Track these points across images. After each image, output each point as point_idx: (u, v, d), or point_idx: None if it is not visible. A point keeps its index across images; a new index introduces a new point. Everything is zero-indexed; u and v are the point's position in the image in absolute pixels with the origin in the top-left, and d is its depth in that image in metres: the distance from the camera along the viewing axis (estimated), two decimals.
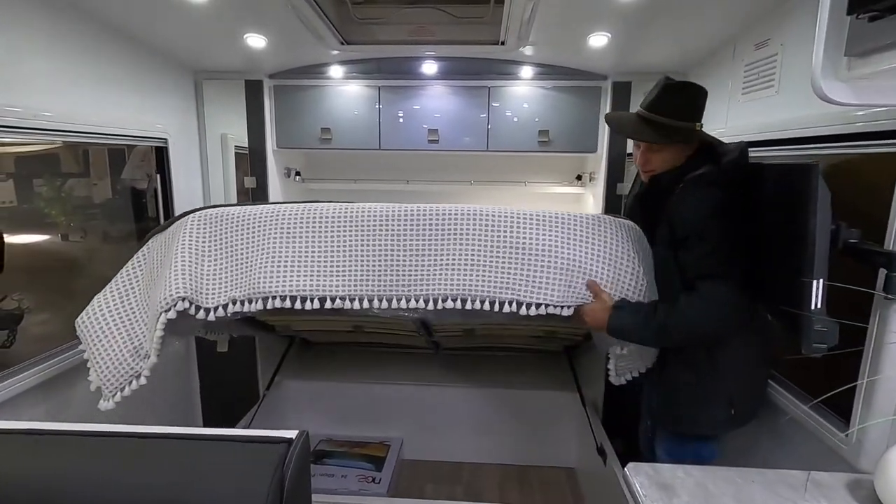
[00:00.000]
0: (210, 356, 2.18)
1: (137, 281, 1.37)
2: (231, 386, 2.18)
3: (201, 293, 1.24)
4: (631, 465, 0.84)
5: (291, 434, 0.88)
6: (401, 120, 2.35)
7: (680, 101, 1.26)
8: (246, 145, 2.35)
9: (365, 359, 2.48)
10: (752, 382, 1.33)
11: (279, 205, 1.32)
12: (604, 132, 2.24)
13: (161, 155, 2.01)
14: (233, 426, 1.90)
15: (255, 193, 2.38)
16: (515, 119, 2.33)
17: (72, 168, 2.44)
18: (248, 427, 1.89)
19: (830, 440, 1.12)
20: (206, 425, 2.24)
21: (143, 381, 1.28)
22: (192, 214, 1.32)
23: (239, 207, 1.33)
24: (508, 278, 1.21)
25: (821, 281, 1.04)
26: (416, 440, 2.31)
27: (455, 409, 2.26)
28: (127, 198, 2.24)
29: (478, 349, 2.50)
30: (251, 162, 2.35)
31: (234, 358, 2.16)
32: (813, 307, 1.03)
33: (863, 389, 1.04)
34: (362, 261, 1.23)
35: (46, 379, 1.52)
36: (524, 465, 2.29)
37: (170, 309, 1.21)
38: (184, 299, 1.21)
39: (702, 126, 1.29)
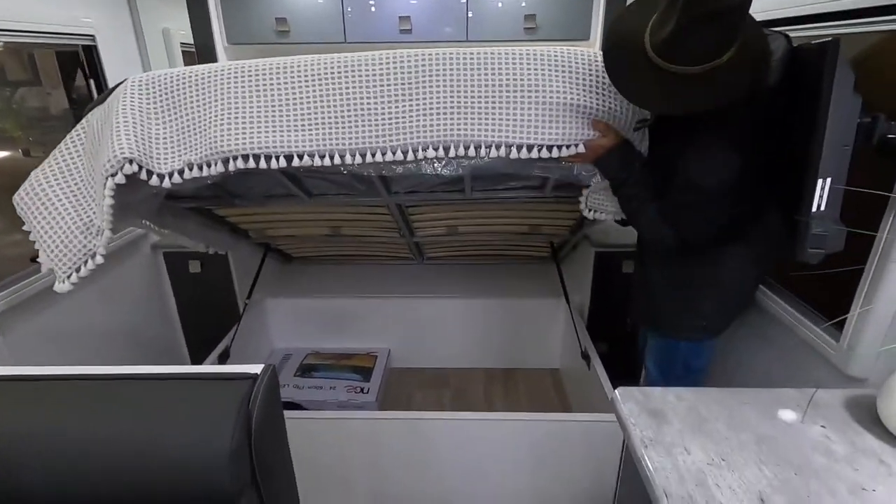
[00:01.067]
0: (184, 282, 2.09)
1: (79, 154, 1.22)
2: (211, 310, 2.13)
3: (152, 157, 1.10)
4: (620, 389, 0.80)
5: (256, 369, 0.82)
6: (372, 9, 2.06)
7: (716, 33, 0.84)
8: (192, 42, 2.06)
9: (347, 273, 2.43)
10: (732, 294, 1.27)
11: (234, 62, 1.15)
12: (598, 16, 1.99)
13: (91, 56, 1.75)
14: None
15: None
16: (499, 3, 2.05)
17: (18, 76, 2.16)
18: (228, 347, 1.86)
19: (818, 343, 1.11)
20: (190, 354, 2.22)
21: (99, 260, 1.18)
22: (129, 78, 1.14)
23: (186, 67, 1.16)
24: (495, 120, 1.08)
25: (827, 180, 0.94)
26: (402, 350, 2.33)
27: (441, 319, 2.25)
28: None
29: (463, 257, 2.45)
30: (199, 62, 2.08)
31: (209, 280, 2.08)
32: (815, 209, 0.95)
33: (861, 296, 0.99)
34: (332, 112, 1.09)
35: (23, 300, 1.46)
36: (509, 368, 2.35)
37: (116, 172, 1.07)
38: (131, 161, 1.07)
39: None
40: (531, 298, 2.22)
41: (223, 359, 1.84)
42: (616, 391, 0.79)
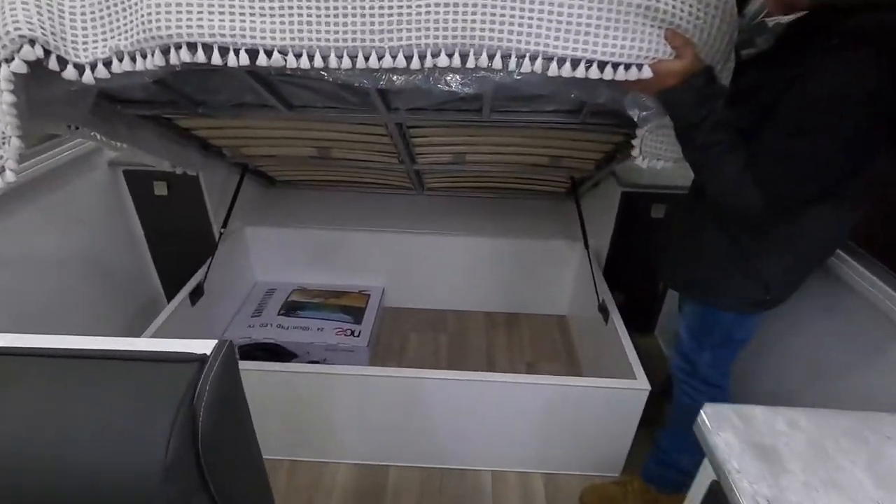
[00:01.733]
0: (150, 205, 1.82)
1: None
2: (182, 238, 1.88)
3: (65, 38, 0.80)
4: (709, 410, 0.57)
5: (207, 346, 0.60)
6: None
7: None
8: None
9: (337, 200, 2.17)
10: (801, 269, 1.04)
11: None
12: None
13: None
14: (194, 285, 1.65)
15: None
16: None
17: None
18: (201, 283, 1.65)
19: None
20: (163, 285, 2.00)
21: (9, 176, 0.91)
22: None
23: None
24: (534, 20, 0.79)
25: None
26: (397, 288, 2.14)
27: (441, 256, 2.03)
28: None
29: (468, 189, 2.19)
30: None
31: (178, 205, 1.82)
32: None
33: None
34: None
35: None
36: (513, 313, 2.17)
37: (12, 57, 0.79)
38: (33, 43, 0.79)
39: None
40: (542, 239, 1.99)
41: (196, 296, 1.62)
42: (704, 412, 0.56)
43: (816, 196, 0.89)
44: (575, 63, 0.81)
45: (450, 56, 0.83)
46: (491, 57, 0.83)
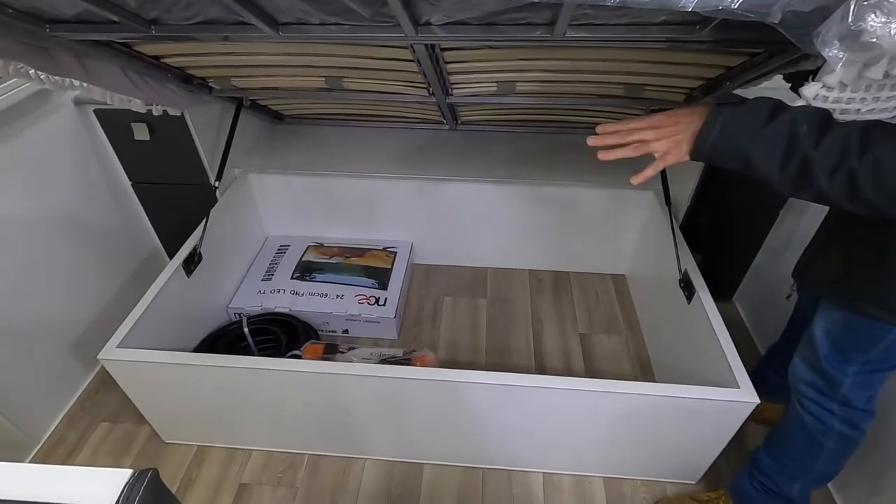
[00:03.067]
0: (132, 153, 1.53)
1: None
2: (177, 195, 1.60)
3: None
4: None
5: (116, 482, 0.31)
6: None
7: None
8: None
9: (356, 140, 1.82)
10: None
11: None
12: None
13: None
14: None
15: None
16: None
17: None
18: (197, 249, 1.38)
19: None
20: (163, 243, 1.76)
21: None
22: None
23: None
24: None
25: None
26: (429, 243, 1.84)
27: (479, 206, 1.70)
28: None
29: (511, 122, 1.81)
30: None
31: (165, 151, 1.52)
32: None
33: None
34: None
35: None
36: (562, 271, 1.87)
37: None
38: None
39: None
40: (602, 187, 1.63)
41: (191, 264, 1.37)
42: None
43: None
44: None
45: None
46: None
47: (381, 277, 1.65)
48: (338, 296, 1.58)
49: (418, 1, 0.75)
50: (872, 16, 0.51)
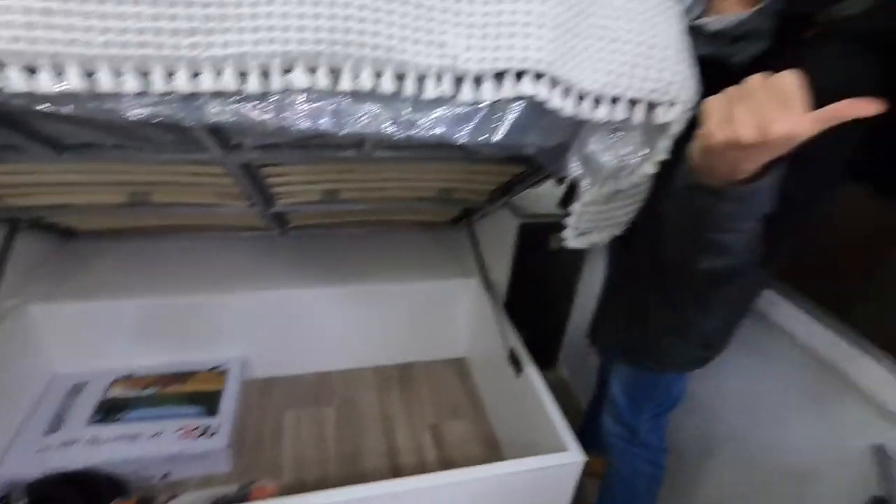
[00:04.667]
0: None
1: None
2: None
3: None
4: None
5: None
6: None
7: None
8: None
9: (170, 253, 1.67)
10: (741, 309, 0.93)
11: None
12: None
13: None
14: None
15: None
16: None
17: None
18: None
19: (869, 382, 0.83)
20: None
21: None
22: None
23: None
24: (455, 19, 0.54)
25: None
26: (265, 355, 1.71)
27: (315, 312, 1.67)
28: None
29: (340, 225, 1.86)
30: None
31: None
32: None
33: None
34: None
35: None
36: (405, 364, 1.89)
37: None
38: None
39: None
40: (432, 279, 1.75)
41: None
42: None
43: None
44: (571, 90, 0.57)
45: (311, 71, 0.53)
46: (379, 75, 0.55)
47: (209, 402, 1.47)
48: (154, 434, 1.35)
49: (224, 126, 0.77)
50: (595, 147, 0.69)
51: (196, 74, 0.51)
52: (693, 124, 0.56)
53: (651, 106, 0.60)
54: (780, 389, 1.03)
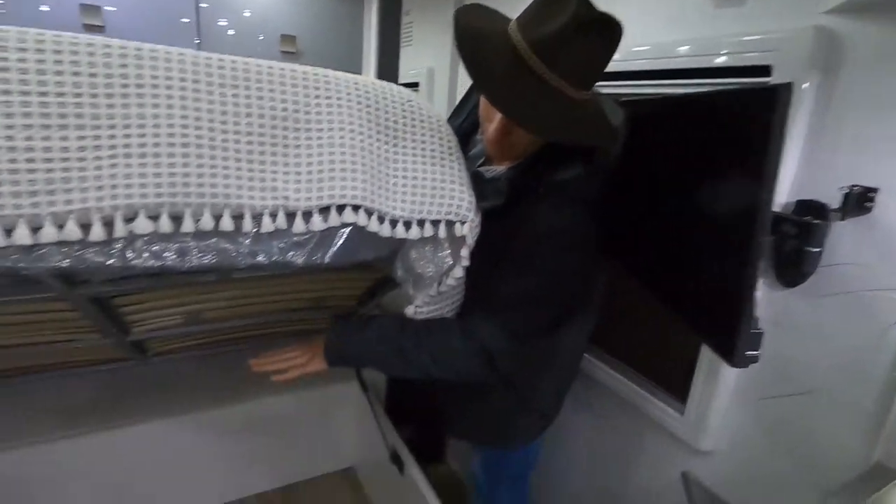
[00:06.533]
0: None
1: None
2: None
3: None
4: None
5: None
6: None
7: (597, 52, 0.68)
8: None
9: (14, 396, 1.48)
10: (566, 381, 1.13)
11: None
12: (369, 45, 1.73)
13: None
14: None
15: None
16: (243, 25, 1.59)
17: None
18: None
19: (665, 419, 1.02)
20: None
21: None
22: None
23: None
24: (271, 167, 0.67)
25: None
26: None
27: (185, 445, 1.55)
28: None
29: (208, 345, 1.80)
30: None
31: None
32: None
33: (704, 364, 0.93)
34: None
35: None
36: (292, 485, 1.79)
37: None
38: None
39: None
40: (309, 389, 1.74)
41: None
42: None
43: (557, 322, 0.95)
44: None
45: (153, 219, 0.62)
46: (217, 216, 0.65)
47: None
48: None
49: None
50: (415, 257, 0.84)
51: (36, 229, 0.56)
52: None
53: (449, 224, 0.77)
54: (612, 440, 1.20)
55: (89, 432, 1.40)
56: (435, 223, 0.76)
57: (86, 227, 0.58)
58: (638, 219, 0.88)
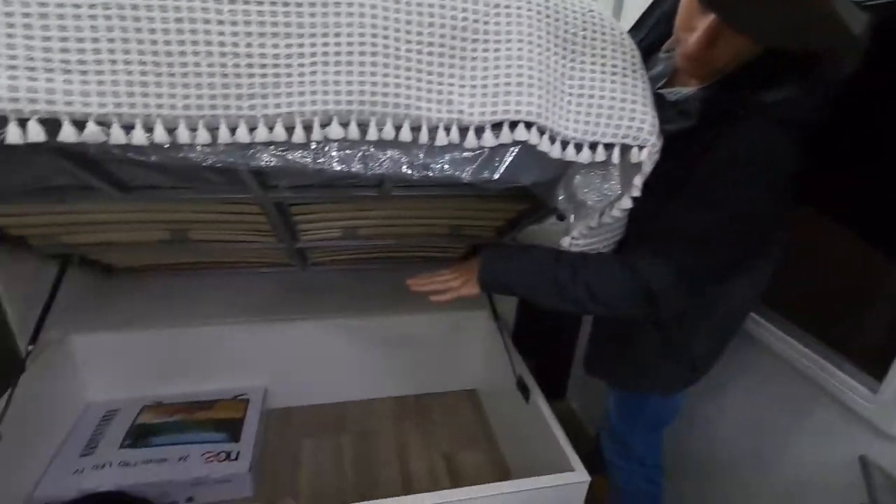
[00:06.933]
0: None
1: None
2: None
3: None
4: None
5: None
6: None
7: None
8: None
9: (198, 288, 1.80)
10: (725, 336, 1.02)
11: None
12: None
13: None
14: None
15: None
16: None
17: None
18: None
19: (848, 396, 0.89)
20: None
21: None
22: None
23: None
24: (454, 79, 0.67)
25: None
26: (284, 385, 1.80)
27: (333, 343, 1.76)
28: None
29: (357, 261, 1.97)
30: None
31: None
32: None
33: None
34: (145, 49, 0.57)
35: None
36: (421, 395, 1.95)
37: None
38: None
39: None
40: (442, 312, 1.83)
41: None
42: None
43: (732, 267, 0.86)
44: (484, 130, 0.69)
45: (344, 125, 0.65)
46: (398, 126, 0.67)
47: (231, 429, 1.55)
48: (180, 458, 1.43)
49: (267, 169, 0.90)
50: (579, 184, 0.80)
51: (252, 129, 0.63)
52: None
53: (625, 149, 0.71)
54: (772, 407, 1.09)
55: (256, 322, 1.66)
56: (609, 147, 0.70)
57: (289, 129, 0.63)
58: (866, 160, 0.73)
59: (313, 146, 0.66)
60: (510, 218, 1.48)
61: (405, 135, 0.66)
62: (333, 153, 0.67)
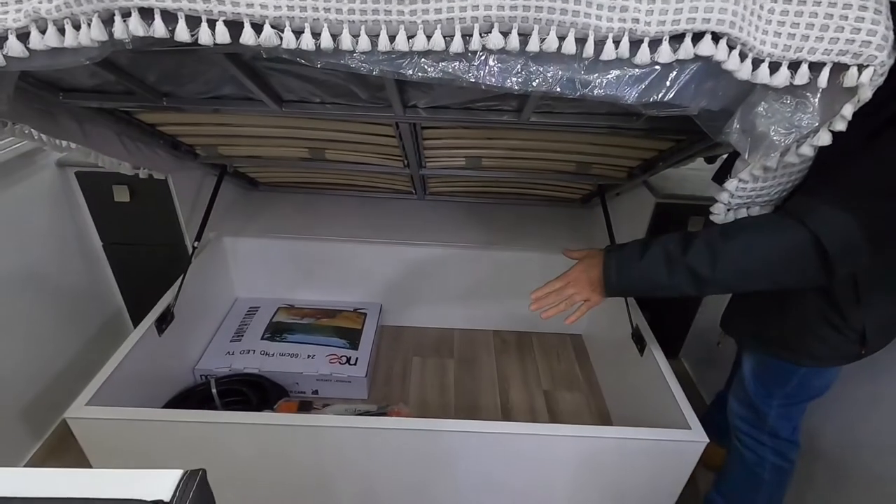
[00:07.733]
0: (110, 214, 1.56)
1: None
2: (149, 251, 1.63)
3: None
4: None
5: (167, 482, 0.37)
6: None
7: None
8: None
9: (328, 207, 1.92)
10: None
11: None
12: None
13: None
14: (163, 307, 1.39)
15: None
16: None
17: None
18: (171, 307, 1.39)
19: None
20: (128, 306, 1.74)
21: None
22: None
23: None
24: None
25: None
26: (397, 305, 1.91)
27: (445, 270, 1.81)
28: None
29: (473, 194, 1.97)
30: None
31: (143, 213, 1.56)
32: None
33: None
34: None
35: None
36: (524, 332, 1.97)
37: None
38: None
39: None
40: (556, 252, 1.78)
41: (164, 322, 1.37)
42: None
43: None
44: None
45: (504, 34, 0.61)
46: (562, 38, 0.61)
47: (351, 338, 1.69)
48: (308, 356, 1.60)
49: (410, 87, 0.90)
50: (763, 115, 0.69)
51: (411, 37, 0.61)
52: None
53: (836, 68, 0.58)
54: None
55: (378, 242, 1.74)
56: (815, 66, 0.58)
57: (448, 38, 0.61)
58: None
59: (471, 57, 0.63)
60: (647, 158, 1.35)
61: (568, 46, 0.60)
62: (490, 63, 0.64)
